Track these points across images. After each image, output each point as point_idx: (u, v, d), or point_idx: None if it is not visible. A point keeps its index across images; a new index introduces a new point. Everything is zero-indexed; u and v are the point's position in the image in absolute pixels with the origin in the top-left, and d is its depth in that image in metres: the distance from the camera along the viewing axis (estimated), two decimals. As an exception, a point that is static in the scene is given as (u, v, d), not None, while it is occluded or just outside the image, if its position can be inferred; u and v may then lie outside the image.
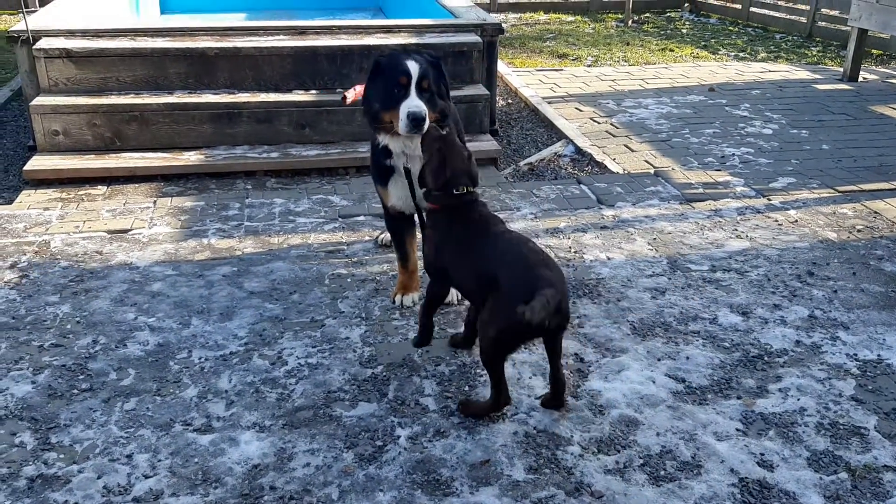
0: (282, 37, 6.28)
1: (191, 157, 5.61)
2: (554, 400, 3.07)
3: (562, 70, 9.12)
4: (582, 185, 5.41)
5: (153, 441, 2.89)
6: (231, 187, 5.38)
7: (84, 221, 4.71)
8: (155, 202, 5.02)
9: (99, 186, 5.33)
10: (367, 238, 4.52)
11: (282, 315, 3.72)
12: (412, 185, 3.51)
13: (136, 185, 5.36)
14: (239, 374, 3.28)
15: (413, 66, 3.32)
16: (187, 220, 4.73)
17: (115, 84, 5.90)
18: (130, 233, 4.56)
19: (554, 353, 2.98)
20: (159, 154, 5.65)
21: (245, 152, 5.73)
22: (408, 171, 3.50)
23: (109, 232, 4.57)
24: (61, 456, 2.82)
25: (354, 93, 4.05)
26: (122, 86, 5.91)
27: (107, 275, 4.08)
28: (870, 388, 3.25)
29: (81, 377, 3.25)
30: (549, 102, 7.57)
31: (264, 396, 3.13)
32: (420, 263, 3.75)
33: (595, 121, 6.99)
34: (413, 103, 3.29)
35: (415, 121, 3.27)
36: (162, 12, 10.44)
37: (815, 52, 10.55)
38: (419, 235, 3.72)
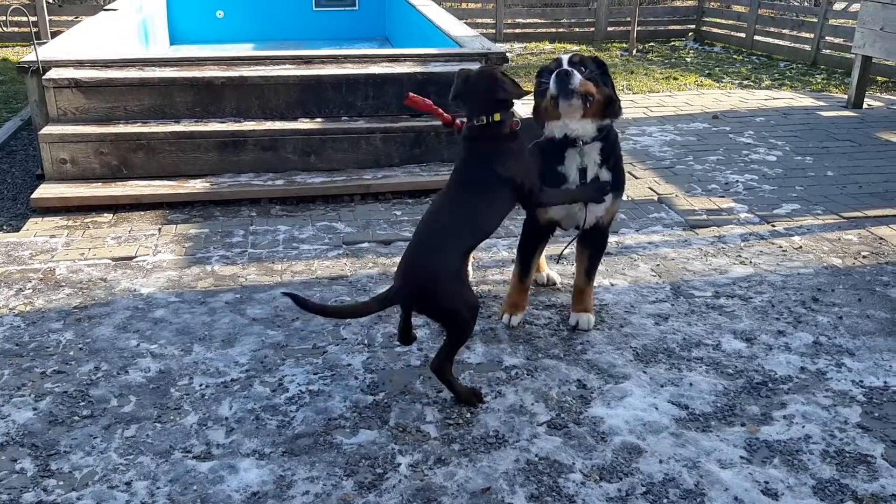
0: (288, 66, 6.34)
1: (196, 185, 5.64)
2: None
3: (567, 98, 9.14)
4: (586, 212, 5.41)
5: (152, 468, 2.88)
6: (236, 214, 5.40)
7: (89, 249, 4.74)
8: (160, 229, 5.05)
9: (105, 214, 5.36)
10: (370, 265, 4.53)
11: (284, 342, 3.72)
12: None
13: (142, 213, 5.39)
14: (239, 400, 3.27)
15: (564, 57, 3.46)
16: (191, 248, 4.75)
17: (122, 113, 5.95)
18: (135, 260, 4.58)
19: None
20: (165, 182, 5.68)
21: (250, 180, 5.76)
22: (583, 172, 3.57)
23: (114, 259, 4.59)
24: (61, 483, 2.81)
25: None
26: (130, 115, 5.96)
27: (110, 302, 4.09)
28: (876, 415, 3.21)
29: (82, 404, 3.25)
30: (554, 130, 7.58)
31: (264, 423, 3.12)
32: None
33: (599, 148, 7.00)
34: (561, 67, 3.40)
35: (559, 76, 3.35)
36: (171, 44, 10.58)
37: (819, 80, 10.59)
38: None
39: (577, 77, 3.37)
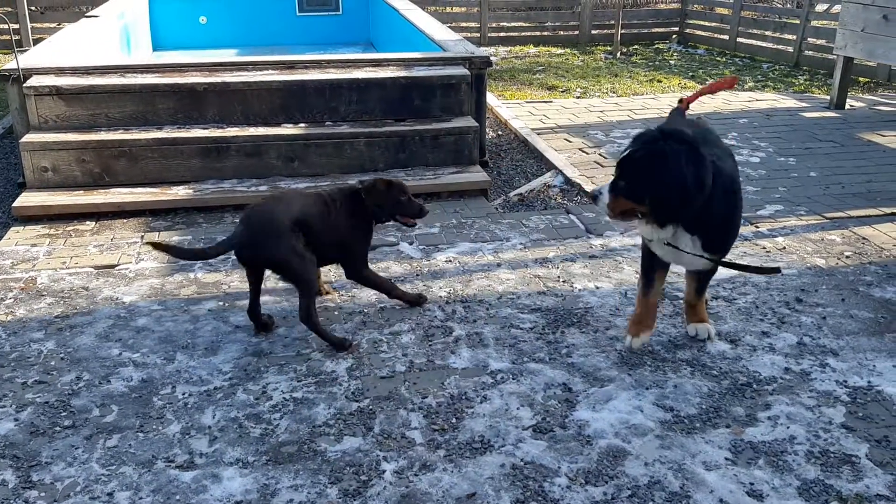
0: (270, 71, 6.32)
1: (179, 192, 5.61)
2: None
3: (551, 102, 9.18)
4: (571, 215, 5.42)
5: (135, 478, 2.85)
6: (219, 221, 5.37)
7: (71, 257, 4.70)
8: (142, 237, 5.01)
9: (87, 222, 5.32)
10: (354, 270, 4.51)
11: (267, 349, 3.69)
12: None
13: (125, 221, 5.35)
14: (223, 409, 3.24)
15: (621, 159, 3.34)
16: (174, 255, 4.72)
17: (104, 120, 5.91)
18: (117, 268, 4.55)
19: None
20: (148, 189, 5.65)
21: (234, 186, 5.74)
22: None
23: (96, 267, 4.55)
24: (42, 494, 2.78)
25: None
26: (112, 122, 5.92)
27: (92, 311, 4.05)
28: (860, 415, 3.22)
29: (64, 414, 3.22)
30: (539, 134, 7.61)
31: (248, 432, 3.10)
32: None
33: (584, 151, 7.02)
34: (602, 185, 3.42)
35: (592, 198, 3.44)
36: (154, 50, 10.53)
37: (802, 81, 10.65)
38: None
39: (604, 200, 3.33)
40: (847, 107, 8.69)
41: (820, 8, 12.83)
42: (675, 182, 3.16)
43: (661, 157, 3.19)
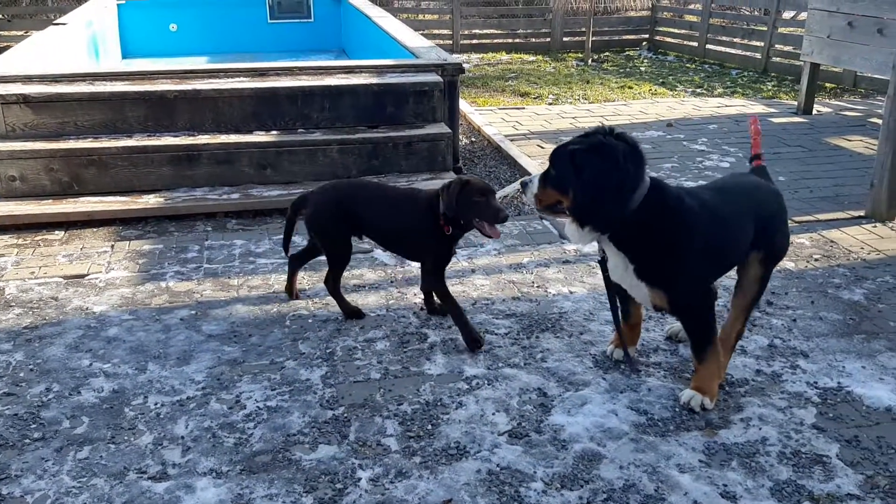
0: (242, 78, 6.29)
1: (150, 200, 5.56)
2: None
3: (524, 108, 9.23)
4: (544, 221, 5.44)
5: (106, 490, 2.81)
6: (191, 229, 5.32)
7: (40, 267, 4.63)
8: (113, 246, 4.96)
9: (56, 231, 5.25)
10: (328, 278, 4.49)
11: (240, 358, 3.66)
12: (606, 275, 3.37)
13: (95, 230, 5.28)
14: (196, 419, 3.21)
15: (554, 149, 3.23)
16: (145, 264, 4.67)
17: (73, 128, 5.85)
18: (87, 278, 4.49)
19: None
20: (118, 197, 5.59)
21: (205, 194, 5.69)
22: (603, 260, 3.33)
23: (66, 277, 4.49)
24: (11, 509, 2.74)
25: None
26: (81, 130, 5.86)
27: (62, 321, 4.00)
28: (830, 415, 3.26)
29: (33, 426, 3.17)
30: (512, 140, 7.64)
31: (222, 441, 3.07)
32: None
33: (556, 157, 7.05)
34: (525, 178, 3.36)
35: (522, 187, 3.34)
36: (124, 58, 10.45)
37: (770, 87, 10.80)
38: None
39: (532, 190, 3.21)
40: (814, 112, 8.83)
41: (787, 15, 13.02)
42: (598, 176, 3.02)
43: (592, 150, 3.07)
